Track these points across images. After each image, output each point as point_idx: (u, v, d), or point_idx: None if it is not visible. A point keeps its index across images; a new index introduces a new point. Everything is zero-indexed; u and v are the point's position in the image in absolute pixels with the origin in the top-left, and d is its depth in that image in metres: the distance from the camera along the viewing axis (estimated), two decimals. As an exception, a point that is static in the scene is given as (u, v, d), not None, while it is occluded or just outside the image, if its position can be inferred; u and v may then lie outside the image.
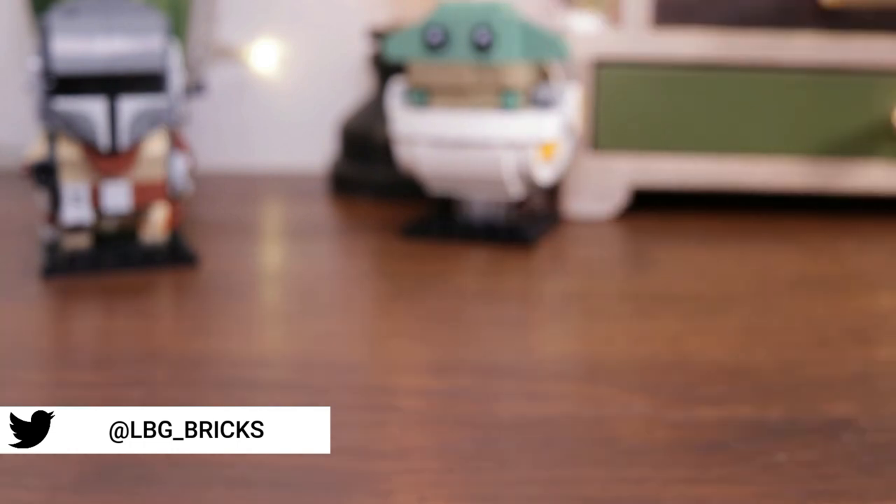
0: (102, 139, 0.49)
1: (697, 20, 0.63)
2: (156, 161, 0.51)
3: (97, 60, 0.48)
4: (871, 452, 0.31)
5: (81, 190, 0.49)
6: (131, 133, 0.49)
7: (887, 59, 0.62)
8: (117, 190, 0.50)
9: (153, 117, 0.50)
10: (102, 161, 0.49)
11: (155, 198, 0.51)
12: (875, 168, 0.64)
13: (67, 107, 0.48)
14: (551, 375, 0.38)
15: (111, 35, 0.48)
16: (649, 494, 0.29)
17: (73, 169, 0.49)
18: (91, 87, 0.49)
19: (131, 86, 0.49)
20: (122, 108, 0.49)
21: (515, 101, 0.56)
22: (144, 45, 0.49)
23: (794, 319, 0.45)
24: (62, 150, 0.49)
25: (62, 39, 0.47)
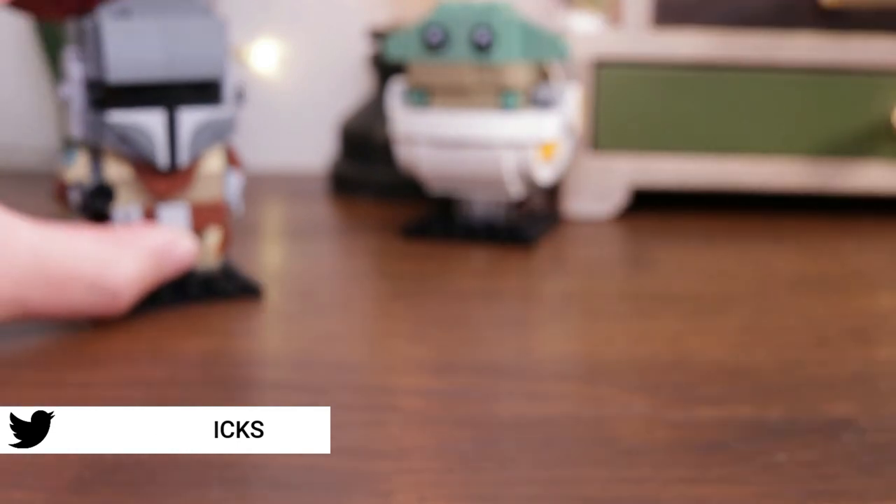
0: (162, 156, 0.43)
1: (697, 20, 0.63)
2: (213, 179, 0.46)
3: (154, 67, 0.42)
4: (871, 452, 0.31)
5: (133, 214, 0.44)
6: (192, 148, 0.44)
7: (887, 59, 0.62)
8: (175, 213, 0.45)
9: (214, 130, 0.44)
10: (157, 181, 0.44)
11: (213, 221, 0.46)
12: (875, 168, 0.64)
13: (121, 120, 0.43)
14: (551, 375, 0.38)
15: (169, 38, 0.43)
16: (649, 494, 0.29)
17: (124, 190, 0.44)
18: (146, 98, 0.43)
19: (190, 95, 0.44)
20: (182, 120, 0.43)
21: (515, 101, 0.56)
22: (205, 50, 0.43)
23: (794, 319, 0.45)
24: (109, 169, 0.44)
25: (115, 43, 0.42)
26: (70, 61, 0.44)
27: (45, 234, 0.39)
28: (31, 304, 0.39)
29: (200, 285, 0.46)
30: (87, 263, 0.39)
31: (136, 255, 0.41)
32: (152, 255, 0.42)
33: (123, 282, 0.40)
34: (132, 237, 0.42)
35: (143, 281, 0.42)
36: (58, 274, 0.39)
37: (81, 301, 0.40)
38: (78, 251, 0.39)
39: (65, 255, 0.39)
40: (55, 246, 0.39)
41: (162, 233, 0.43)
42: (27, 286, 0.38)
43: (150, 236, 0.42)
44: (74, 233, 0.40)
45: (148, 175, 0.44)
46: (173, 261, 0.43)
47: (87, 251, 0.40)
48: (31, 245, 0.38)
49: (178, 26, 0.43)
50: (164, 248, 0.43)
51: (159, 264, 0.42)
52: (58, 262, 0.39)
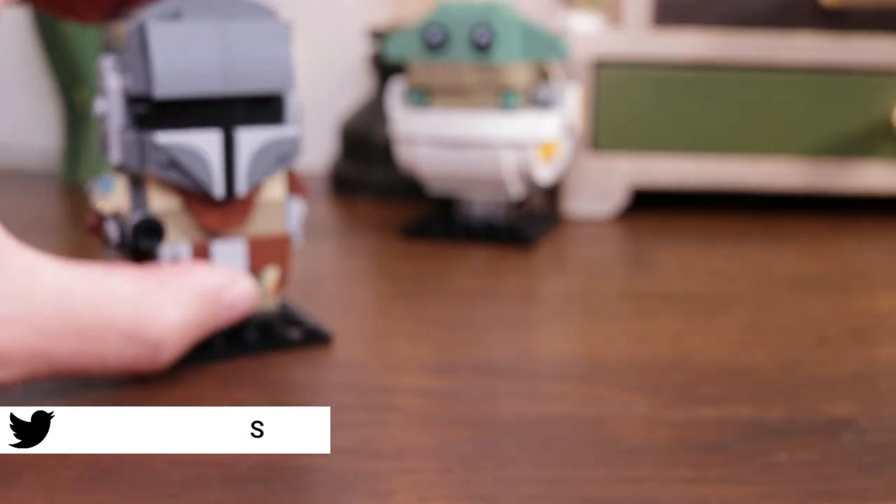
0: (217, 184, 0.37)
1: (697, 20, 0.63)
2: (274, 209, 0.39)
3: (210, 79, 0.36)
4: (871, 452, 0.31)
5: (182, 251, 0.38)
6: (251, 175, 0.37)
7: (887, 59, 0.62)
8: (230, 250, 0.38)
9: (277, 153, 0.38)
10: (210, 213, 0.38)
11: (274, 258, 0.40)
12: (875, 168, 0.64)
13: (170, 141, 0.36)
14: (551, 375, 0.38)
15: (226, 45, 0.37)
16: (649, 494, 0.29)
17: (171, 224, 0.38)
18: (199, 115, 0.37)
19: (249, 112, 0.38)
20: (241, 142, 0.37)
21: (515, 101, 0.56)
22: (269, 59, 0.37)
23: (794, 319, 0.45)
24: (153, 199, 0.37)
25: (163, 50, 0.35)
26: (107, 72, 0.37)
27: (73, 274, 0.33)
28: (57, 358, 0.32)
29: (258, 332, 0.40)
30: (124, 310, 0.33)
31: (182, 299, 0.35)
32: (203, 300, 0.36)
33: (167, 331, 0.34)
34: (179, 279, 0.35)
35: (191, 330, 0.35)
36: (88, 322, 0.32)
37: (117, 354, 0.33)
38: (113, 295, 0.33)
39: (97, 299, 0.33)
40: (85, 289, 0.32)
41: (215, 273, 0.37)
42: (52, 337, 0.32)
43: (200, 277, 0.36)
44: (109, 273, 0.34)
45: (199, 206, 0.38)
46: (228, 306, 0.37)
47: (123, 295, 0.33)
48: (57, 288, 0.32)
49: (236, 31, 0.37)
50: (217, 291, 0.36)
51: (212, 311, 0.36)
52: (88, 309, 0.32)
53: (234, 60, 0.37)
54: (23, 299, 0.31)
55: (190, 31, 0.36)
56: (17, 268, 0.31)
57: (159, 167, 0.36)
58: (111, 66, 0.37)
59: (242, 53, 0.37)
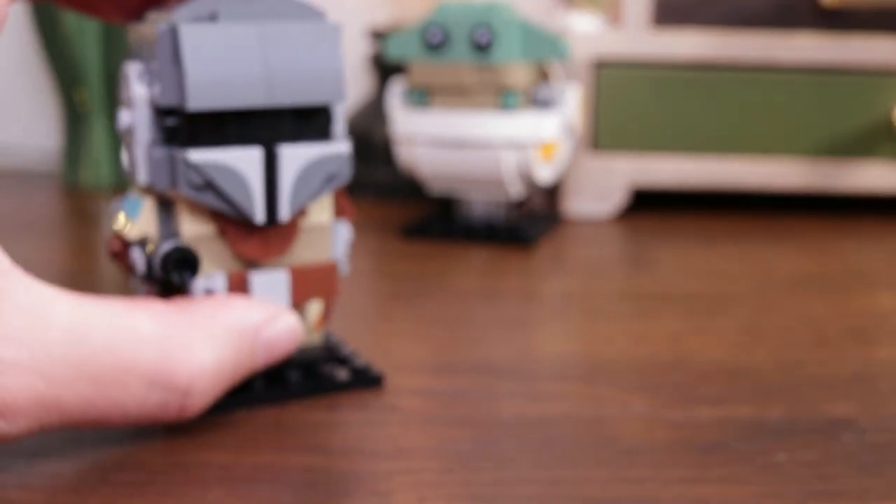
0: (258, 208, 0.32)
1: (697, 20, 0.63)
2: (319, 235, 0.35)
3: (252, 89, 0.32)
4: (871, 452, 0.31)
5: (217, 283, 0.33)
6: (295, 197, 0.33)
7: (887, 59, 0.62)
8: (271, 281, 0.34)
9: (325, 173, 0.33)
10: (249, 240, 0.33)
11: (319, 289, 0.35)
12: (875, 168, 0.64)
13: (205, 159, 0.31)
14: (551, 375, 0.38)
15: (269, 49, 0.32)
16: (649, 494, 0.29)
17: (204, 253, 0.33)
18: (238, 130, 0.32)
19: (293, 126, 0.33)
20: (284, 160, 0.33)
21: (515, 101, 0.56)
22: (318, 65, 0.33)
23: (794, 319, 0.45)
24: (185, 225, 0.33)
25: (198, 56, 0.31)
26: (132, 80, 0.32)
27: (89, 311, 0.28)
28: (69, 407, 0.28)
29: (301, 371, 0.36)
30: (148, 351, 0.29)
31: (216, 338, 0.30)
32: (240, 339, 0.31)
33: (198, 375, 0.30)
34: (212, 315, 0.31)
35: (226, 373, 0.31)
36: (107, 366, 0.28)
37: (140, 402, 0.29)
38: (135, 334, 0.29)
39: (116, 340, 0.28)
40: (103, 327, 0.28)
41: (254, 308, 0.32)
42: (64, 384, 0.27)
43: (237, 313, 0.32)
44: (131, 309, 0.29)
45: (236, 232, 0.33)
46: (269, 346, 0.32)
47: (147, 334, 0.29)
48: (70, 325, 0.28)
49: (280, 34, 0.32)
50: (256, 328, 0.32)
51: (249, 351, 0.32)
52: (107, 351, 0.28)
53: (278, 68, 0.32)
54: (30, 341, 0.27)
55: (228, 35, 0.31)
56: (23, 304, 0.27)
57: (192, 189, 0.32)
58: (137, 74, 0.32)
59: (287, 59, 0.32)
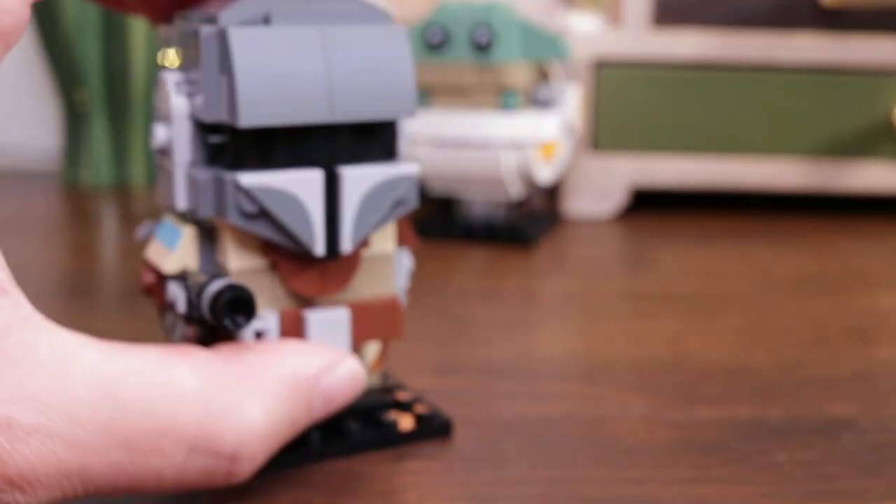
0: (318, 238, 0.28)
1: (697, 20, 0.63)
2: (381, 265, 0.31)
3: (313, 102, 0.27)
4: (871, 452, 0.31)
5: (268, 324, 0.29)
6: (359, 226, 0.29)
7: (887, 59, 0.62)
8: (331, 320, 0.30)
9: (392, 197, 0.29)
10: (305, 274, 0.29)
11: (382, 329, 0.31)
12: (875, 168, 0.64)
13: (257, 183, 0.27)
14: (551, 375, 0.38)
15: (332, 56, 0.28)
16: (649, 494, 0.29)
17: (254, 288, 0.29)
18: (295, 149, 0.28)
19: (354, 144, 0.29)
20: (347, 183, 0.28)
21: (515, 101, 0.56)
22: (386, 76, 0.28)
23: (794, 319, 0.45)
24: (232, 258, 0.29)
25: (251, 65, 0.27)
26: (169, 90, 0.28)
27: (119, 363, 0.24)
28: (97, 476, 0.24)
29: (359, 419, 0.32)
30: (189, 411, 0.25)
31: (268, 393, 0.27)
32: (295, 392, 0.27)
33: (247, 437, 0.26)
34: (263, 364, 0.27)
35: (279, 433, 0.27)
36: (140, 429, 0.24)
37: (179, 469, 0.25)
38: (173, 391, 0.25)
39: (152, 397, 0.24)
40: (136, 383, 0.24)
41: (310, 353, 0.28)
42: (90, 450, 0.24)
43: (291, 360, 0.28)
44: (168, 361, 0.25)
45: (290, 265, 0.29)
46: (328, 397, 0.28)
47: (188, 390, 0.25)
48: (98, 382, 0.24)
49: (343, 38, 0.28)
50: (313, 378, 0.28)
51: (306, 405, 0.28)
52: (140, 410, 0.24)
53: (342, 78, 0.28)
54: (52, 401, 0.23)
55: (285, 40, 0.27)
56: (45, 357, 0.23)
57: (242, 217, 0.27)
58: (175, 84, 0.28)
59: (352, 68, 0.28)
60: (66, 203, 0.70)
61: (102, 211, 0.68)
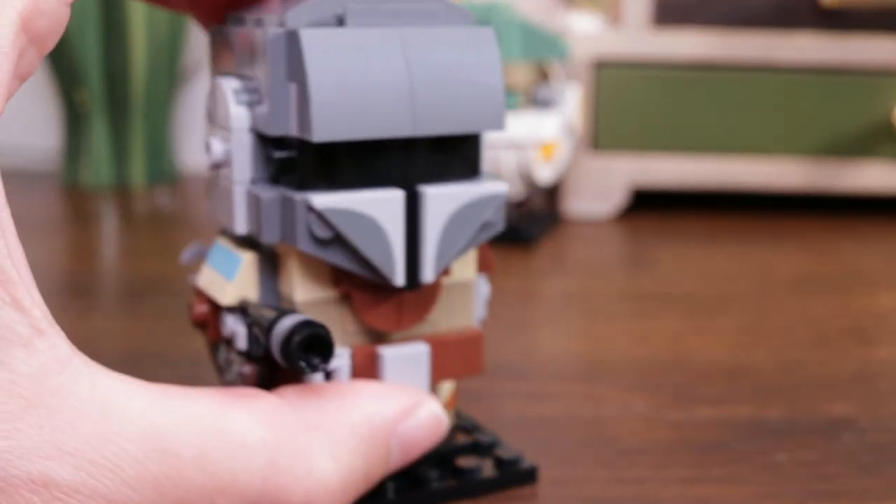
0: (398, 267, 0.25)
1: (697, 20, 0.63)
2: (462, 295, 0.28)
3: (394, 115, 0.24)
4: (871, 452, 0.31)
5: (340, 363, 0.26)
6: (443, 252, 0.26)
7: (887, 59, 0.62)
8: (409, 357, 0.26)
9: (479, 220, 0.26)
10: (381, 306, 0.26)
11: (462, 366, 0.28)
12: (875, 168, 0.64)
13: (334, 205, 0.24)
14: (551, 375, 0.38)
15: (415, 64, 0.25)
16: (649, 494, 0.29)
17: (323, 321, 0.26)
18: (372, 167, 0.25)
19: (435, 161, 0.26)
20: (430, 205, 0.25)
21: (515, 101, 0.56)
22: (475, 84, 0.25)
23: (794, 319, 0.45)
24: (298, 288, 0.25)
25: (326, 71, 0.24)
26: (227, 98, 0.25)
27: (171, 409, 0.21)
28: None
29: (435, 463, 0.29)
30: (252, 466, 0.22)
31: (341, 443, 0.24)
32: (371, 441, 0.24)
33: (318, 494, 0.23)
34: (335, 410, 0.24)
35: (353, 487, 0.24)
36: (196, 485, 0.21)
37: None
38: (233, 443, 0.22)
39: (209, 448, 0.21)
40: (191, 432, 0.21)
41: (387, 396, 0.25)
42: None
43: (366, 405, 0.25)
44: (226, 407, 0.22)
45: (365, 297, 0.26)
46: (407, 445, 0.25)
47: (251, 442, 0.22)
48: (148, 432, 0.21)
49: (426, 41, 0.25)
50: (390, 423, 0.25)
51: (383, 455, 0.25)
52: (196, 463, 0.21)
53: (426, 86, 0.25)
54: (96, 455, 0.20)
55: (363, 43, 0.24)
56: (87, 405, 0.20)
57: (313, 243, 0.24)
58: (233, 91, 0.25)
59: (437, 75, 0.25)
60: (66, 203, 0.70)
61: (102, 211, 0.68)
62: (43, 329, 0.20)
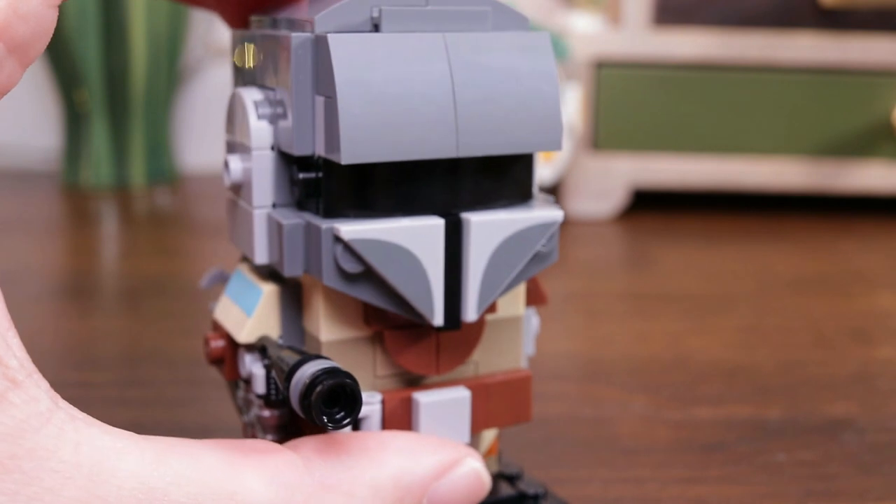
0: (438, 305, 0.22)
1: (697, 20, 0.63)
2: (509, 332, 0.25)
3: (435, 134, 0.21)
4: (870, 452, 0.31)
5: (371, 407, 0.23)
6: (487, 288, 0.23)
7: (887, 59, 0.62)
8: (448, 404, 0.23)
9: (528, 251, 0.23)
10: (414, 347, 0.23)
11: (509, 415, 0.24)
12: (875, 168, 0.64)
13: (365, 234, 0.21)
14: (551, 375, 0.38)
15: (459, 72, 0.22)
16: (649, 494, 0.29)
17: (351, 364, 0.23)
18: (408, 192, 0.22)
19: (482, 185, 0.23)
20: (473, 234, 0.22)
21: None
22: (528, 98, 0.22)
23: (794, 319, 0.45)
24: (325, 326, 0.23)
25: (356, 83, 0.21)
26: (247, 111, 0.22)
27: (168, 466, 0.19)
28: None
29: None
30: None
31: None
32: (399, 502, 0.22)
33: None
34: (360, 468, 0.21)
35: None
36: None
37: None
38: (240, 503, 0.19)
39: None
40: (192, 493, 0.19)
41: (421, 451, 0.22)
42: None
43: (396, 462, 0.22)
44: (232, 463, 0.20)
45: (399, 337, 0.23)
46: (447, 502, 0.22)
47: (258, 502, 0.20)
48: (143, 494, 0.19)
49: (474, 47, 0.22)
50: (424, 484, 0.22)
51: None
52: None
53: (473, 101, 0.22)
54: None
55: (399, 50, 0.21)
56: (69, 464, 0.18)
57: (340, 278, 0.22)
58: (255, 103, 0.22)
59: (486, 88, 0.22)
60: (66, 203, 0.70)
61: (102, 211, 0.68)
62: (19, 381, 0.18)
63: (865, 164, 0.64)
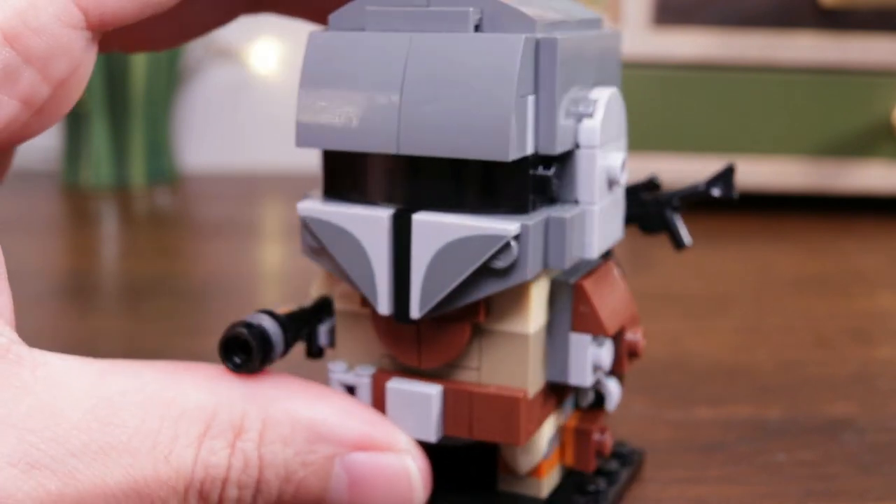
0: (383, 294, 0.23)
1: (697, 20, 0.63)
2: (510, 347, 0.24)
3: (374, 128, 0.23)
4: (871, 452, 0.31)
5: (362, 378, 0.25)
6: (427, 288, 0.23)
7: (887, 59, 0.62)
8: (413, 394, 0.24)
9: (473, 261, 0.22)
10: (398, 336, 0.24)
11: (493, 432, 0.24)
12: (875, 168, 0.64)
13: (316, 214, 0.24)
14: (551, 375, 0.38)
15: (410, 73, 0.22)
16: (649, 494, 0.29)
17: (357, 336, 0.25)
18: (366, 183, 0.24)
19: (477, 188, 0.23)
20: (416, 232, 0.23)
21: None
22: (472, 102, 0.22)
23: (794, 319, 0.45)
24: (336, 295, 0.25)
25: (315, 76, 0.23)
26: None
27: (115, 381, 0.22)
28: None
29: None
30: (190, 430, 0.22)
31: (274, 423, 0.22)
32: (307, 445, 0.22)
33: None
34: (294, 399, 0.23)
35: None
36: (143, 451, 0.21)
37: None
38: (175, 408, 0.22)
39: (152, 416, 0.21)
40: (135, 402, 0.21)
41: (351, 416, 0.23)
42: (86, 480, 0.20)
43: (321, 409, 0.23)
44: (171, 375, 0.22)
45: (384, 322, 0.24)
46: (360, 481, 0.23)
47: (189, 406, 0.22)
48: (96, 401, 0.21)
49: (435, 48, 0.22)
50: (337, 442, 0.23)
51: (322, 471, 0.22)
52: (141, 431, 0.21)
53: (417, 101, 0.22)
54: (36, 425, 0.20)
55: (364, 49, 0.23)
56: (27, 381, 0.21)
57: (309, 250, 0.24)
58: None
59: (431, 89, 0.22)
60: (66, 203, 0.70)
61: (102, 211, 0.68)
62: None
63: (865, 164, 0.64)
